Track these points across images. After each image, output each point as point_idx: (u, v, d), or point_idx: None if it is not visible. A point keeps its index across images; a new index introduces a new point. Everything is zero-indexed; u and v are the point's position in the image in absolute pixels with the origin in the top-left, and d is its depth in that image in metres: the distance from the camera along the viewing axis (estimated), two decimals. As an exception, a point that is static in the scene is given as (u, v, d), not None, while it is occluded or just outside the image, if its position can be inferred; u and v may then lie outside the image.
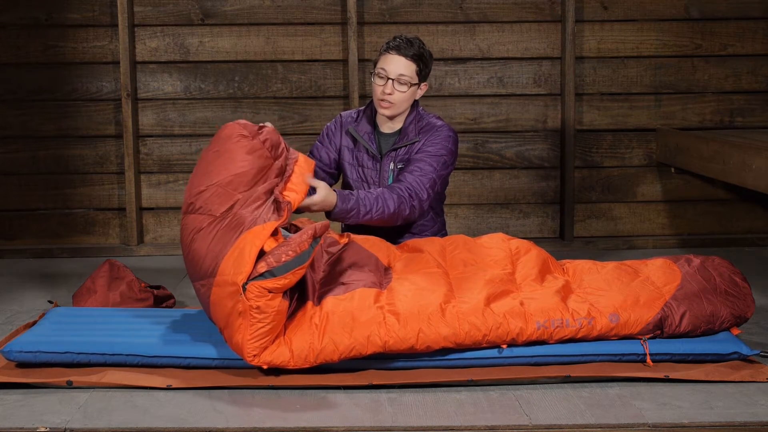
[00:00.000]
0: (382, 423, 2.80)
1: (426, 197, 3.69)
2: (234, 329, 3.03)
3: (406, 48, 3.72)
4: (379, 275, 3.38)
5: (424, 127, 3.81)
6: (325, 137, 3.91)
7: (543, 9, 5.36)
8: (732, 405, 2.91)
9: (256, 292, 2.98)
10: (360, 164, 3.84)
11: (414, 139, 3.78)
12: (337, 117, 3.93)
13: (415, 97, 3.80)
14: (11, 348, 3.13)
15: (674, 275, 3.37)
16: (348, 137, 3.86)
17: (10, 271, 4.91)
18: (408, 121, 3.81)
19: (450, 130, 3.82)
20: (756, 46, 5.40)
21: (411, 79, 3.73)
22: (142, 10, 5.29)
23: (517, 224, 5.45)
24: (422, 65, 3.75)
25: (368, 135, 3.83)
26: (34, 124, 5.33)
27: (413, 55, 3.73)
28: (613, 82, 5.40)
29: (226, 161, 3.22)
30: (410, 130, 3.80)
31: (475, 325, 3.12)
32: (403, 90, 3.73)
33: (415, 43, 3.75)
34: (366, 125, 3.85)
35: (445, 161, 3.77)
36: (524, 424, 2.79)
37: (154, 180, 5.39)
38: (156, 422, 2.80)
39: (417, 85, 3.77)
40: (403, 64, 3.72)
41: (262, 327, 3.01)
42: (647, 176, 5.46)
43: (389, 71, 3.72)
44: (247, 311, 2.99)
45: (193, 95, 5.35)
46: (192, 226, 3.17)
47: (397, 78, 3.72)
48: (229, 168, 3.21)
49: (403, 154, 3.79)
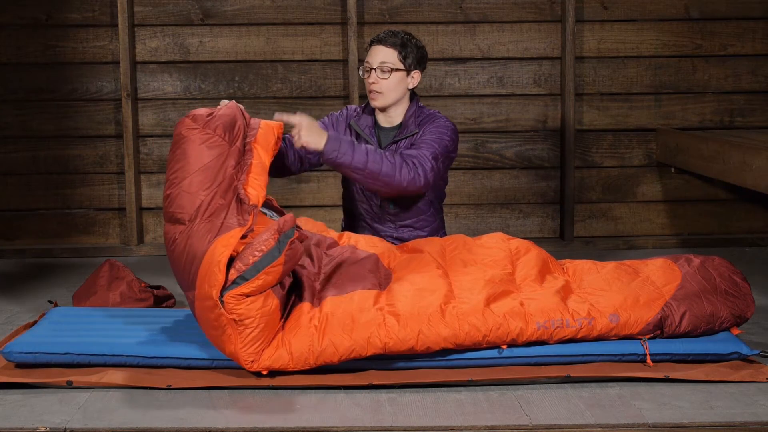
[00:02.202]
0: (382, 423, 2.80)
1: (429, 168, 3.63)
2: (224, 340, 3.03)
3: (386, 38, 3.77)
4: (379, 276, 3.38)
5: (424, 119, 3.81)
6: (330, 123, 3.90)
7: (543, 9, 5.35)
8: (732, 405, 2.90)
9: (233, 302, 2.97)
10: None
11: (414, 131, 3.79)
12: (344, 109, 3.95)
13: (407, 86, 3.80)
14: (11, 349, 3.13)
15: (674, 275, 3.37)
16: (350, 131, 3.86)
17: (10, 271, 4.91)
18: (408, 115, 3.82)
19: (449, 121, 3.83)
20: (756, 46, 5.40)
21: (393, 65, 3.74)
22: (142, 10, 5.29)
23: (517, 224, 5.45)
24: (405, 51, 3.75)
25: (369, 129, 3.84)
26: (34, 124, 5.33)
27: (393, 42, 3.75)
28: (613, 82, 5.40)
29: (181, 160, 3.15)
30: (410, 123, 3.81)
31: (475, 325, 3.12)
32: (386, 77, 3.73)
33: (399, 34, 3.78)
34: (367, 119, 3.87)
35: (446, 144, 3.74)
36: (524, 424, 2.79)
37: (154, 180, 5.39)
38: (156, 422, 2.80)
39: (405, 72, 3.77)
40: (383, 52, 3.75)
41: (251, 332, 3.00)
42: (647, 176, 5.46)
43: (371, 62, 3.76)
44: (231, 322, 2.99)
45: (193, 95, 5.35)
46: (168, 236, 3.14)
47: (379, 66, 3.74)
48: (185, 167, 3.14)
49: (404, 146, 3.79)
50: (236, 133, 3.22)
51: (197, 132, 3.17)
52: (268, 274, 2.99)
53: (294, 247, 3.03)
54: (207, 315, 3.02)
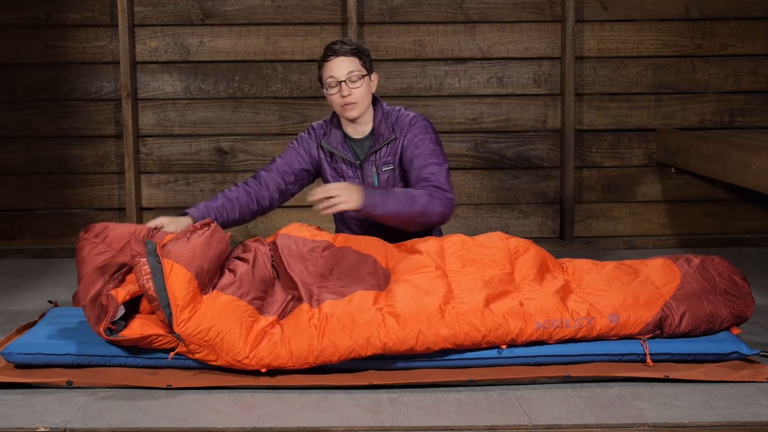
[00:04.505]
0: (382, 423, 2.80)
1: (449, 187, 3.70)
2: (211, 359, 3.10)
3: (341, 48, 3.72)
4: (378, 277, 3.38)
5: (395, 122, 3.78)
6: (301, 145, 3.85)
7: (543, 9, 5.36)
8: (732, 405, 2.90)
9: (187, 328, 3.04)
10: (341, 175, 3.80)
11: (390, 138, 3.76)
12: (310, 128, 3.89)
13: (371, 90, 3.78)
14: (11, 350, 3.13)
15: (674, 275, 3.37)
16: (322, 151, 3.83)
17: (10, 271, 4.91)
18: (377, 121, 3.78)
19: (421, 118, 3.79)
20: (756, 46, 5.40)
21: (360, 71, 3.71)
22: (142, 10, 5.29)
23: (517, 224, 5.45)
24: (363, 57, 3.74)
25: (341, 145, 3.80)
26: (34, 124, 5.33)
27: (350, 50, 3.72)
28: (613, 82, 5.40)
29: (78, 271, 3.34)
30: (383, 130, 3.77)
31: (475, 326, 3.12)
32: (358, 86, 3.70)
33: (347, 41, 3.75)
34: (337, 135, 3.81)
35: (436, 143, 3.75)
36: (524, 424, 2.79)
37: (154, 180, 5.39)
38: (156, 422, 2.80)
39: (368, 76, 3.75)
40: (345, 62, 3.70)
41: (225, 335, 3.06)
42: (647, 176, 5.46)
43: (337, 75, 3.69)
44: (200, 343, 3.07)
45: (193, 95, 5.35)
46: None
47: (348, 77, 3.69)
48: (79, 279, 3.31)
49: (385, 155, 3.77)
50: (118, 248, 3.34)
51: (84, 242, 3.34)
52: (176, 283, 3.07)
53: (167, 248, 3.13)
54: (187, 353, 3.11)
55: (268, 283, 3.33)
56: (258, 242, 3.52)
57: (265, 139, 5.39)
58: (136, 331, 3.06)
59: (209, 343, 3.04)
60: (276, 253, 3.48)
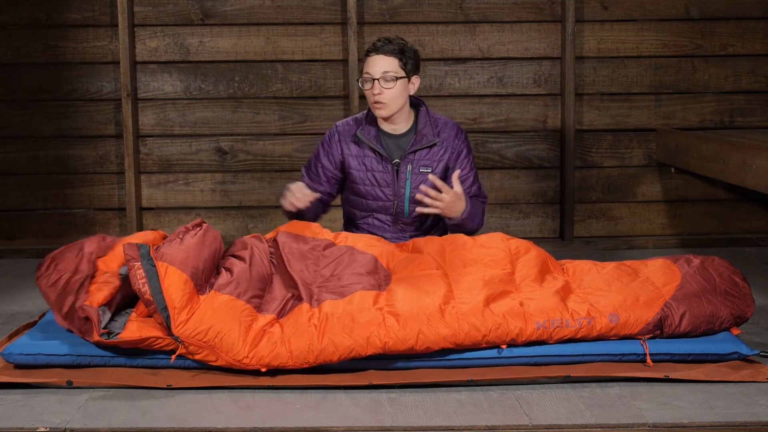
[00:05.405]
0: (382, 423, 2.80)
1: (485, 197, 3.96)
2: (211, 360, 3.09)
3: (384, 46, 3.74)
4: (378, 277, 3.38)
5: (440, 128, 3.84)
6: (324, 152, 3.87)
7: (543, 9, 5.36)
8: (732, 405, 2.90)
9: (185, 331, 3.04)
10: (369, 168, 3.81)
11: (432, 140, 3.78)
12: (333, 128, 3.90)
13: (408, 93, 3.79)
14: (11, 351, 3.13)
15: (674, 275, 3.37)
16: (348, 146, 3.83)
17: (10, 271, 4.91)
18: (422, 123, 3.81)
19: (458, 127, 3.89)
20: (756, 46, 5.40)
21: (396, 73, 3.72)
22: (142, 10, 5.29)
23: (517, 224, 5.45)
24: (404, 58, 3.75)
25: (375, 138, 3.82)
26: (34, 124, 5.33)
27: (392, 50, 3.74)
28: (613, 82, 5.40)
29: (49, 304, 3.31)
30: (426, 132, 3.80)
31: (475, 325, 3.12)
32: (390, 86, 3.72)
33: (394, 41, 3.77)
34: (370, 128, 3.83)
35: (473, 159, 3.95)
36: (524, 424, 2.79)
37: (154, 180, 5.39)
38: (156, 422, 2.80)
39: (406, 79, 3.76)
40: (383, 61, 3.73)
41: (224, 336, 3.05)
42: (647, 176, 5.46)
43: (373, 72, 3.73)
44: (199, 344, 3.07)
45: (193, 95, 5.35)
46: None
47: (381, 76, 3.72)
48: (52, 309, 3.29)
49: (424, 157, 3.79)
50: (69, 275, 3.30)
51: (39, 279, 3.30)
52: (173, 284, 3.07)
53: (161, 251, 3.13)
54: (187, 354, 3.11)
55: (266, 280, 3.33)
56: (255, 239, 3.52)
57: (265, 139, 5.39)
58: (134, 334, 3.06)
59: (208, 343, 3.04)
60: (276, 251, 3.48)
